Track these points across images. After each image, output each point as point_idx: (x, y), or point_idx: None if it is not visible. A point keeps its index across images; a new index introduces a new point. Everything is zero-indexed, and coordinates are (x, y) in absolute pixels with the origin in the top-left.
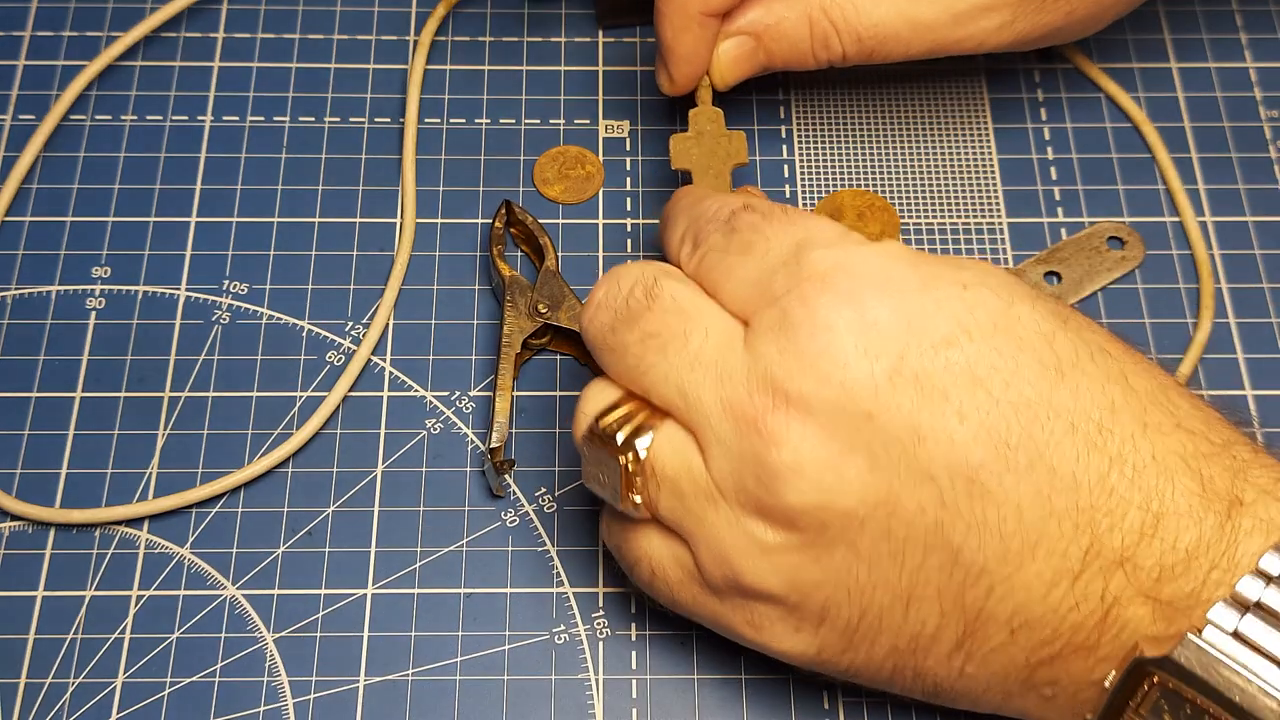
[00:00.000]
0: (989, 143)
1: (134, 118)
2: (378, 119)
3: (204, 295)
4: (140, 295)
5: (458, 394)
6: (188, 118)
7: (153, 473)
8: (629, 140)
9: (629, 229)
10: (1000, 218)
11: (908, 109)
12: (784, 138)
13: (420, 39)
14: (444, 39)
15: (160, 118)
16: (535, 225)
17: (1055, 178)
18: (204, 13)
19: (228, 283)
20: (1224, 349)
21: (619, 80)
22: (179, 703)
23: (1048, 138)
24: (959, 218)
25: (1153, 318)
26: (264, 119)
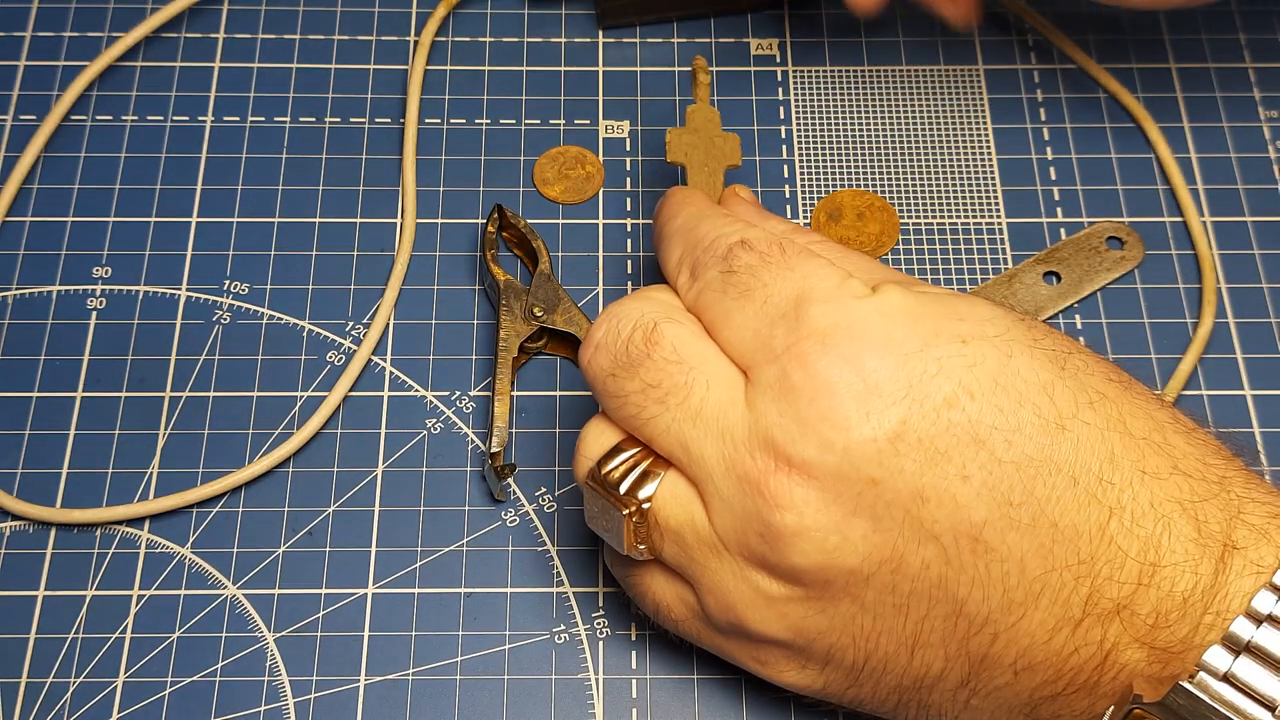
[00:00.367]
0: (988, 142)
1: (135, 118)
2: (378, 119)
3: (205, 295)
4: (141, 295)
5: (458, 394)
6: (188, 118)
7: (153, 472)
8: (629, 140)
9: (629, 229)
10: (1000, 217)
11: (907, 109)
12: (784, 138)
13: (420, 39)
14: (444, 39)
15: (161, 118)
16: (528, 229)
17: (1054, 178)
18: (204, 13)
19: (228, 283)
20: (1223, 349)
21: (619, 80)
22: (179, 702)
23: (1047, 138)
24: (959, 218)
25: (1152, 318)
26: (264, 119)
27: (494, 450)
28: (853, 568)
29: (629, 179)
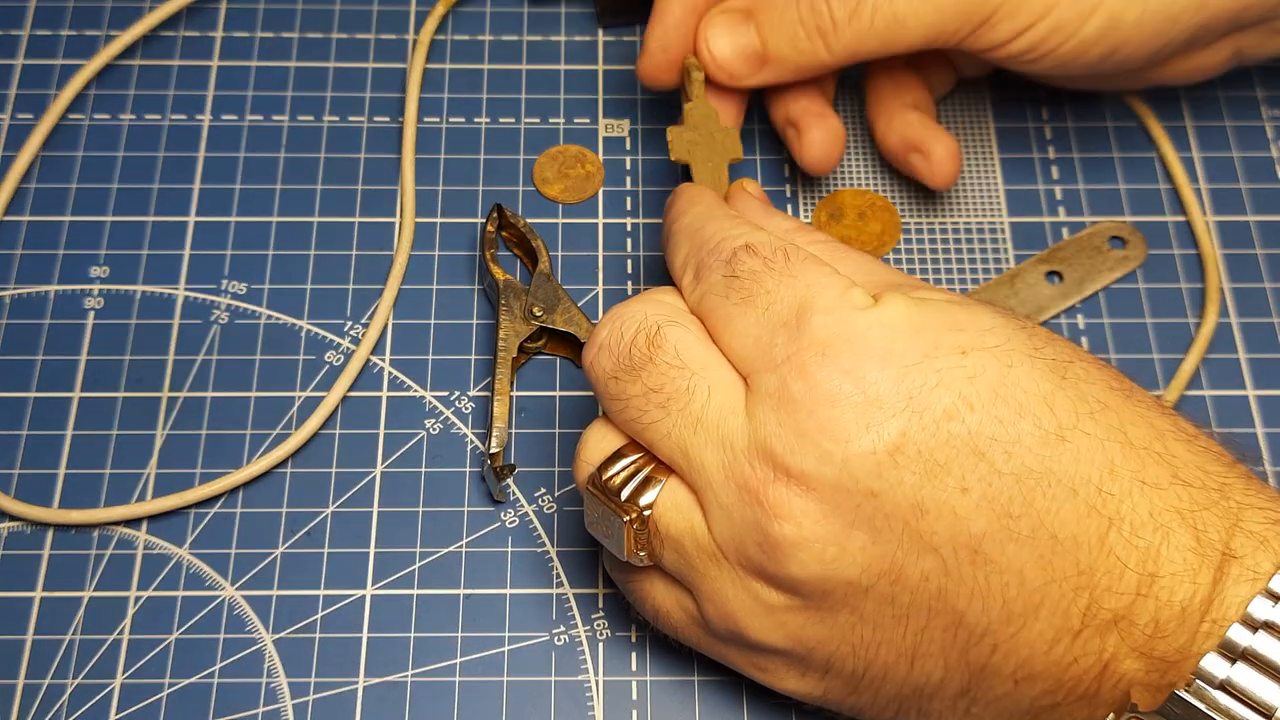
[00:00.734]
0: (990, 141)
1: (132, 117)
2: (377, 118)
3: (203, 295)
4: (139, 295)
5: (457, 394)
6: (186, 117)
7: (151, 473)
8: (629, 139)
9: (629, 228)
10: (1001, 217)
11: None
12: None
13: (420, 38)
14: (443, 38)
15: (159, 117)
16: (527, 228)
17: (1056, 177)
18: (202, 12)
19: (226, 282)
20: (1225, 349)
21: (619, 79)
22: (178, 704)
23: (1049, 136)
24: (960, 217)
25: (1154, 317)
26: (263, 118)
27: (493, 451)
28: (851, 579)
29: (629, 178)
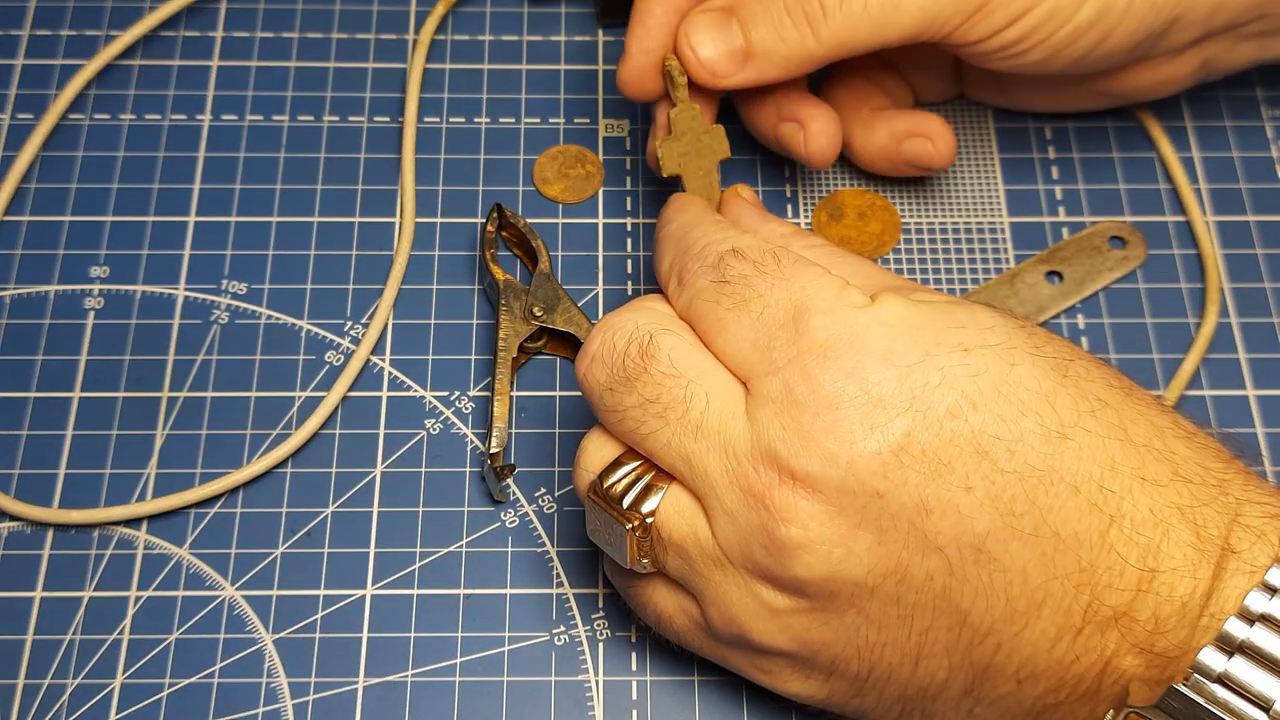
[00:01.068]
0: (990, 141)
1: (132, 117)
2: (377, 118)
3: (203, 295)
4: (139, 295)
5: (457, 394)
6: (186, 117)
7: (151, 473)
8: (629, 139)
9: (629, 228)
10: (1001, 217)
11: None
12: None
13: (420, 38)
14: (444, 38)
15: (159, 117)
16: (527, 228)
17: (1057, 177)
18: (202, 12)
19: (226, 282)
20: (1226, 349)
21: None
22: (178, 704)
23: (1049, 136)
24: (960, 217)
25: (1154, 317)
26: (263, 118)
27: (493, 451)
28: (858, 580)
29: (629, 178)
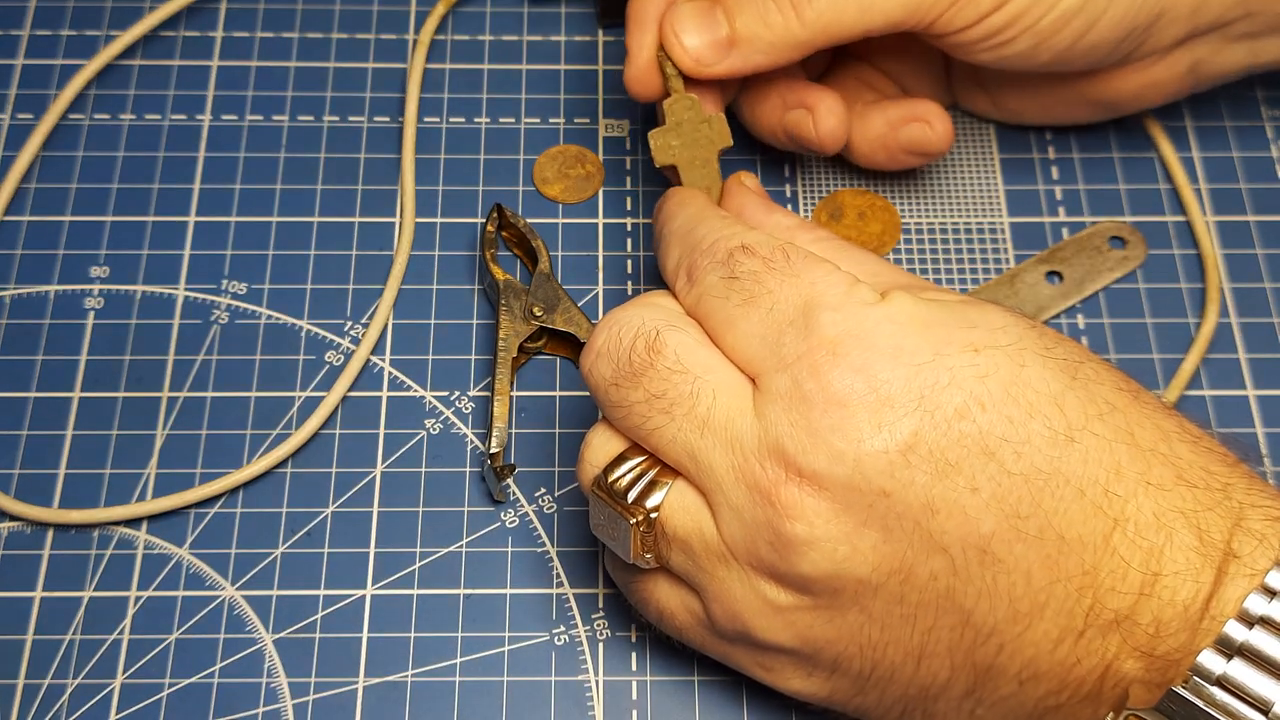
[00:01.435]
0: (990, 141)
1: (132, 117)
2: (377, 118)
3: (203, 295)
4: (139, 295)
5: (457, 394)
6: (186, 117)
7: (151, 473)
8: (629, 139)
9: (629, 228)
10: (1001, 217)
11: None
12: None
13: (420, 38)
14: (444, 38)
15: (159, 117)
16: (527, 228)
17: (1057, 177)
18: (202, 12)
19: (226, 282)
20: (1226, 349)
21: (619, 80)
22: (178, 704)
23: (1049, 136)
24: (960, 217)
25: (1154, 317)
26: (263, 118)
27: (493, 451)
28: (862, 578)
29: (629, 178)
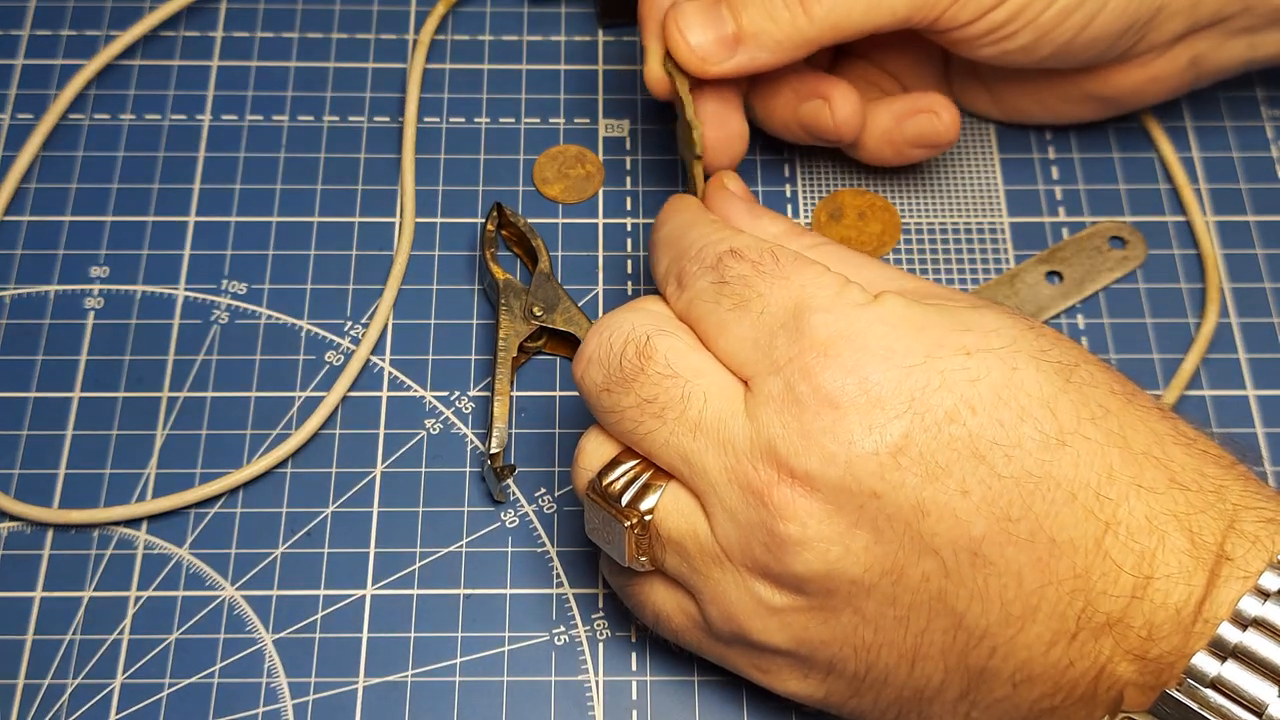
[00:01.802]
0: (990, 141)
1: (132, 117)
2: (377, 118)
3: (203, 295)
4: (139, 295)
5: (457, 394)
6: (186, 117)
7: (151, 473)
8: (629, 140)
9: (629, 229)
10: (1001, 217)
11: None
12: None
13: (420, 38)
14: (444, 38)
15: (159, 117)
16: (527, 228)
17: (1057, 177)
18: (203, 12)
19: (226, 282)
20: (1226, 349)
21: (619, 79)
22: (178, 704)
23: (1049, 137)
24: (960, 217)
25: (1154, 317)
26: (263, 118)
27: (493, 451)
28: (854, 578)
29: (629, 178)
